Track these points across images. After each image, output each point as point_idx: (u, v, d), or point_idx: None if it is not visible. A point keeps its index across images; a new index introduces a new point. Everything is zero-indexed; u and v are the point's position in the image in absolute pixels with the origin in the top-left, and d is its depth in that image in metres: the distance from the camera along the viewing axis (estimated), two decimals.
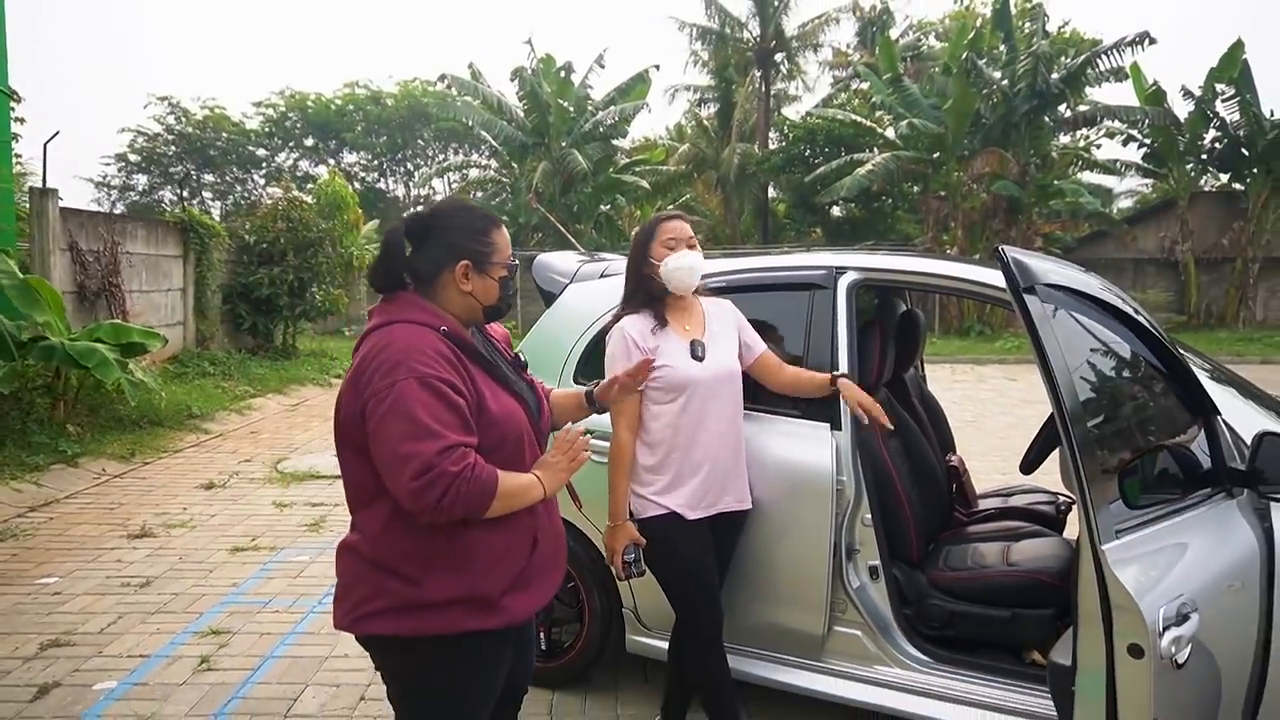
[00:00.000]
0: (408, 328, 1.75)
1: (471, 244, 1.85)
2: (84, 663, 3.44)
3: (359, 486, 1.78)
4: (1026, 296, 1.67)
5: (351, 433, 1.74)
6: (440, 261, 1.83)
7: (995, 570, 2.85)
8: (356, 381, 1.72)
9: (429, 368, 1.67)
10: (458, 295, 1.84)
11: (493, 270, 1.86)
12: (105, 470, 6.53)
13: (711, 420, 2.58)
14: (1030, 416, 9.70)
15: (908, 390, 3.58)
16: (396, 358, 1.68)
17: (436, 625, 1.75)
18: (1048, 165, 19.80)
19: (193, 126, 31.49)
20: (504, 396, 1.83)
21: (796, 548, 2.75)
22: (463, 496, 1.62)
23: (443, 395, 1.66)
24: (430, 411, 1.63)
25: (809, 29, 26.43)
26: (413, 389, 1.64)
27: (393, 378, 1.66)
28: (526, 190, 20.70)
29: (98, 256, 9.24)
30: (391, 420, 1.64)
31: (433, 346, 1.72)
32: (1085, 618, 1.68)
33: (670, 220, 2.67)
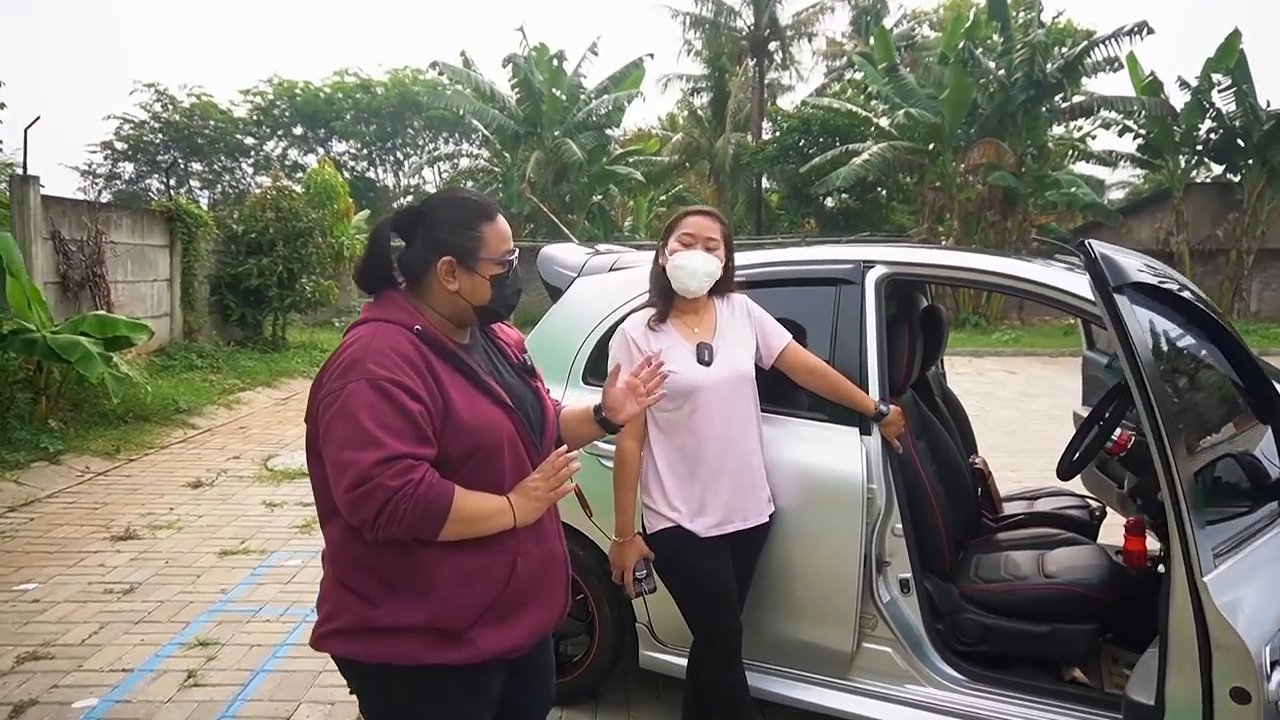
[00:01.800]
0: (378, 326, 1.62)
1: (455, 238, 1.66)
2: (63, 678, 3.25)
3: (321, 495, 1.64)
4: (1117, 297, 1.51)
5: (313, 437, 1.60)
6: (425, 258, 1.67)
7: (1032, 582, 2.69)
8: (318, 381, 1.59)
9: (384, 369, 1.53)
10: (444, 294, 1.68)
11: (481, 267, 1.67)
12: (89, 468, 6.32)
13: (722, 429, 2.41)
14: (1033, 410, 9.59)
15: (930, 389, 3.42)
16: (354, 356, 1.55)
17: (390, 653, 1.59)
18: (1044, 156, 19.66)
19: (179, 114, 31.04)
20: (481, 404, 1.64)
21: (824, 560, 2.59)
22: (402, 515, 1.47)
23: (393, 399, 1.51)
24: (376, 416, 1.49)
25: (803, 18, 26.23)
26: (362, 391, 1.51)
27: (346, 379, 1.53)
28: (519, 180, 20.45)
29: (81, 246, 8.97)
30: (337, 423, 1.50)
31: (395, 347, 1.57)
32: (1177, 654, 1.53)
33: (695, 215, 2.49)
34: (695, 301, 2.48)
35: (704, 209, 2.53)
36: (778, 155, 22.65)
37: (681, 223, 2.46)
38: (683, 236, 2.44)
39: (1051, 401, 10.31)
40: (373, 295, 1.70)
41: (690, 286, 2.43)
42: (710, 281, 2.44)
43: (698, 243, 2.44)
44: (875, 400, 2.58)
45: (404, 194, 37.86)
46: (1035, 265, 2.67)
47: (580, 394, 2.96)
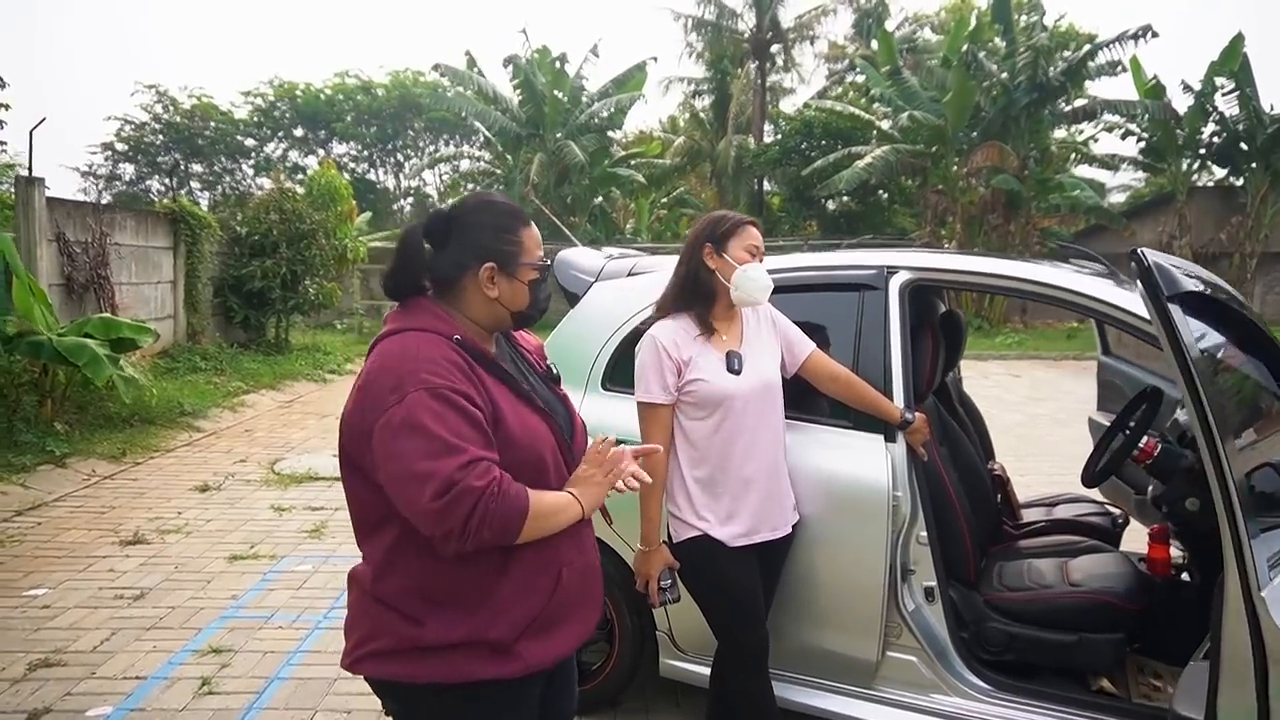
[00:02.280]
0: (417, 335, 1.56)
1: (497, 243, 1.64)
2: (76, 685, 3.22)
3: (363, 512, 1.59)
4: (1171, 307, 1.48)
5: (355, 453, 1.55)
6: (462, 263, 1.63)
7: (1057, 591, 2.67)
8: (362, 397, 1.52)
9: (441, 377, 1.49)
10: (482, 301, 1.65)
11: (521, 272, 1.66)
12: (95, 471, 6.29)
13: (751, 437, 2.38)
14: (1039, 414, 9.56)
15: (950, 395, 3.40)
16: (405, 368, 1.49)
17: (438, 672, 1.55)
18: (1046, 159, 19.67)
19: (180, 115, 31.03)
20: (525, 413, 1.62)
21: (849, 568, 2.56)
22: (491, 515, 1.43)
23: (458, 406, 1.47)
24: (446, 424, 1.45)
25: (805, 20, 26.23)
26: (424, 400, 1.45)
27: (402, 391, 1.47)
28: (522, 182, 20.42)
29: (86, 248, 8.94)
30: (403, 437, 1.45)
31: (444, 355, 1.53)
32: (1231, 669, 1.50)
33: (753, 225, 2.46)
34: (731, 309, 2.46)
35: (752, 219, 2.51)
36: (779, 158, 22.63)
37: (744, 232, 2.42)
38: (750, 247, 2.41)
39: (1058, 405, 10.30)
40: (399, 303, 1.66)
41: (758, 299, 2.42)
42: (769, 295, 2.45)
43: (759, 256, 2.43)
44: (900, 408, 2.56)
45: (404, 196, 37.85)
46: (1062, 271, 2.65)
47: (599, 400, 2.94)
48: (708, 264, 2.42)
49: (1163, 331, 1.45)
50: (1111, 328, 4.12)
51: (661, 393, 2.37)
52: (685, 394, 2.38)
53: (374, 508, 1.56)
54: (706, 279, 2.43)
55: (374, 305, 18.13)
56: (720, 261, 2.41)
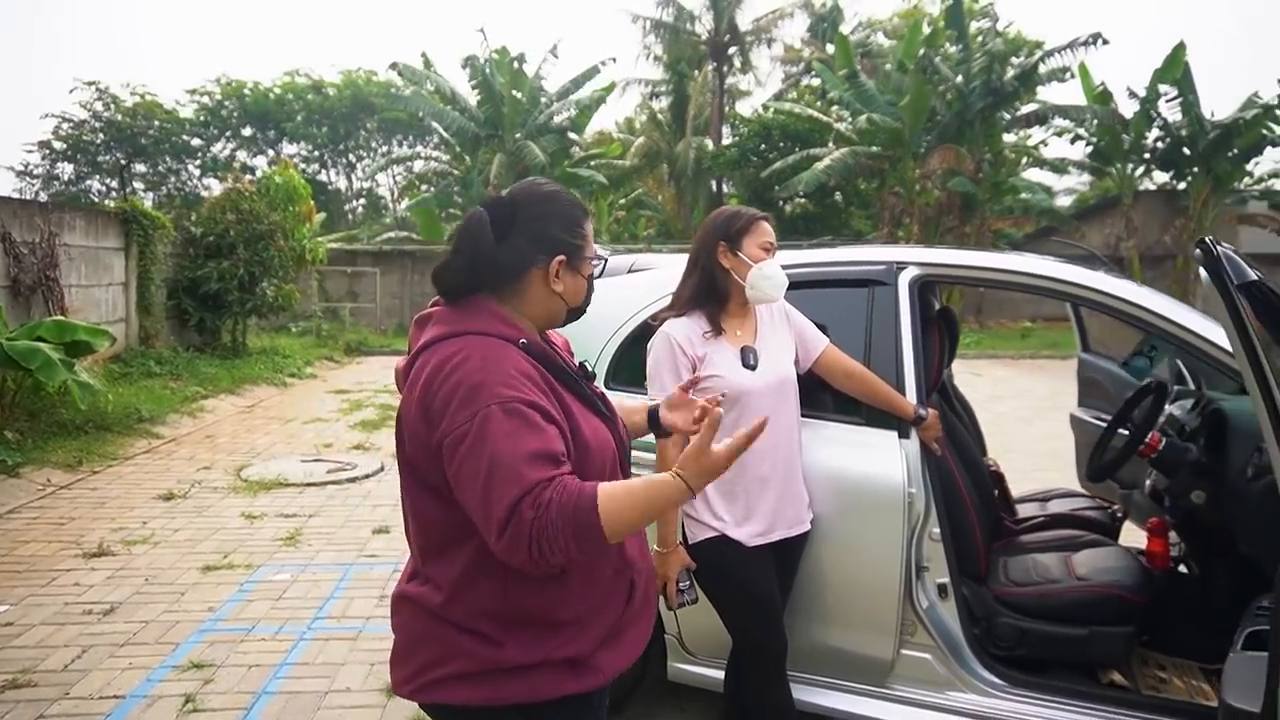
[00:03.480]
0: (483, 341, 1.44)
1: (568, 236, 1.56)
2: (49, 706, 3.05)
3: (431, 530, 1.48)
4: (1240, 296, 1.48)
5: (423, 469, 1.44)
6: (530, 256, 1.53)
7: (1066, 585, 2.68)
8: (427, 408, 1.41)
9: (516, 391, 1.38)
10: (544, 296, 1.56)
11: (584, 266, 1.59)
12: (50, 480, 6.02)
13: (766, 434, 2.34)
14: (1003, 413, 9.73)
15: (949, 391, 3.41)
16: (475, 381, 1.38)
17: (522, 692, 1.46)
18: (1000, 162, 20.09)
19: (122, 114, 30.05)
20: (592, 419, 1.54)
21: (864, 567, 2.54)
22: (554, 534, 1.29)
23: (531, 422, 1.37)
24: (513, 446, 1.34)
25: (762, 23, 26.45)
26: (496, 419, 1.35)
27: (474, 406, 1.36)
28: (482, 183, 20.20)
29: (33, 248, 8.59)
30: (472, 460, 1.35)
31: (515, 364, 1.42)
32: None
33: (765, 221, 2.43)
34: (744, 305, 2.42)
35: (765, 214, 2.47)
36: (738, 159, 22.77)
37: (758, 228, 2.39)
38: (764, 244, 2.37)
39: (1020, 403, 10.50)
40: (450, 301, 1.54)
41: (775, 297, 2.39)
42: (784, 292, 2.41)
43: (772, 253, 2.40)
44: (914, 404, 2.54)
45: (356, 197, 37.26)
46: (1072, 266, 2.66)
47: None
48: (722, 263, 2.38)
49: (1231, 321, 1.45)
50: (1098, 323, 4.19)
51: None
52: (701, 391, 2.32)
53: (446, 527, 1.45)
54: (721, 278, 2.39)
55: (331, 308, 17.80)
56: (735, 260, 2.37)
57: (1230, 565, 2.74)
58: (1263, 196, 19.97)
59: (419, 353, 1.49)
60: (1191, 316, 2.48)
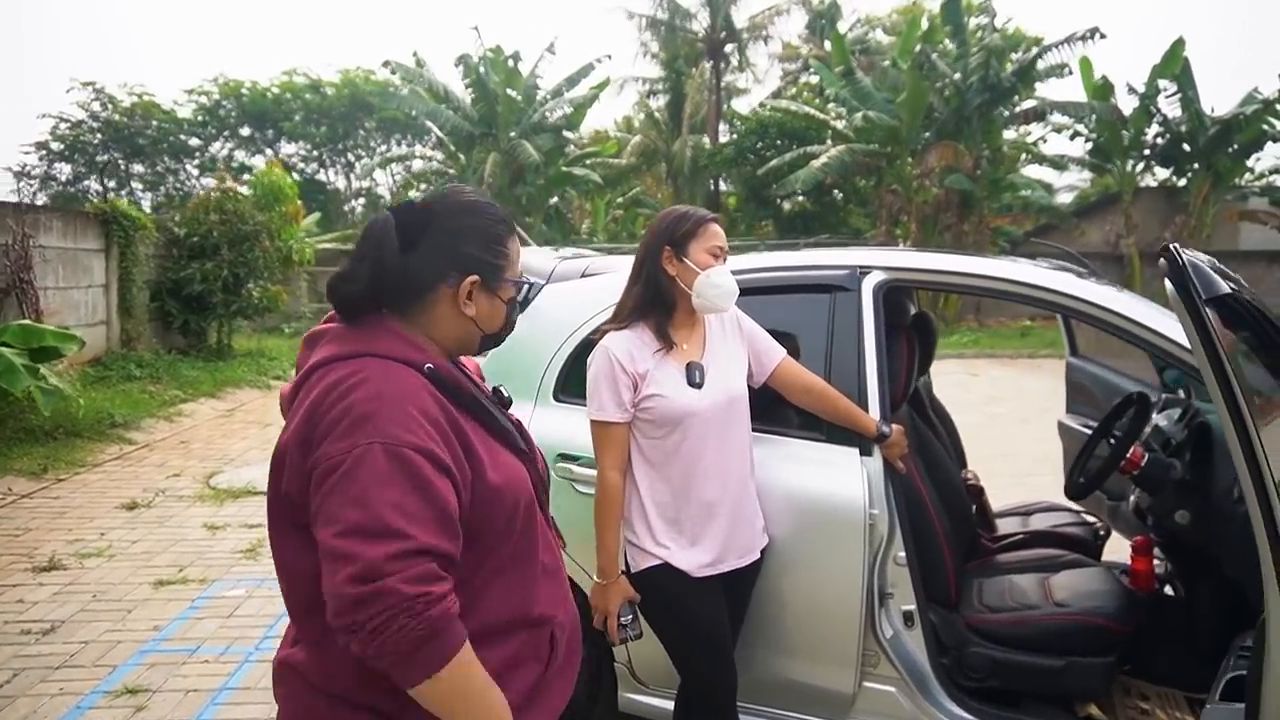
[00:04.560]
0: (383, 366, 1.27)
1: (484, 254, 1.38)
2: None
3: (301, 581, 1.28)
4: (1208, 311, 1.30)
5: (298, 505, 1.25)
6: (440, 272, 1.36)
7: (1043, 612, 2.50)
8: (308, 435, 1.23)
9: (408, 432, 1.21)
10: (454, 319, 1.38)
11: (504, 289, 1.41)
12: (11, 489, 5.86)
13: (714, 457, 2.17)
14: (1000, 414, 9.54)
15: (923, 401, 3.23)
16: (363, 411, 1.21)
17: None
18: (998, 159, 19.87)
19: (119, 114, 29.94)
20: (503, 456, 1.37)
21: (822, 594, 2.36)
22: (402, 635, 1.13)
23: (417, 474, 1.19)
24: (394, 496, 1.17)
25: (758, 20, 26.23)
26: (376, 460, 1.18)
27: (353, 439, 1.19)
28: (476, 182, 20.03)
29: (6, 250, 8.43)
30: (337, 501, 1.17)
31: (416, 400, 1.25)
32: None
33: (715, 223, 2.23)
34: (692, 315, 2.24)
35: (715, 215, 2.28)
36: (735, 158, 22.58)
37: (706, 232, 2.20)
38: (713, 249, 2.18)
39: (1018, 404, 10.31)
40: (348, 318, 1.34)
41: (723, 306, 2.21)
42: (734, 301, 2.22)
43: (722, 257, 2.21)
44: (877, 420, 2.37)
45: (355, 196, 37.11)
46: (1043, 270, 2.49)
47: (550, 413, 2.70)
48: (667, 270, 2.20)
49: (1197, 339, 1.27)
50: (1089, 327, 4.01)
51: (616, 410, 2.15)
52: (642, 411, 2.16)
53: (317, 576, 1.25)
54: (666, 287, 2.20)
55: (322, 309, 17.63)
56: (680, 267, 2.19)
57: (1217, 588, 2.57)
58: (1263, 193, 19.73)
59: (307, 375, 1.31)
60: (1174, 324, 2.30)
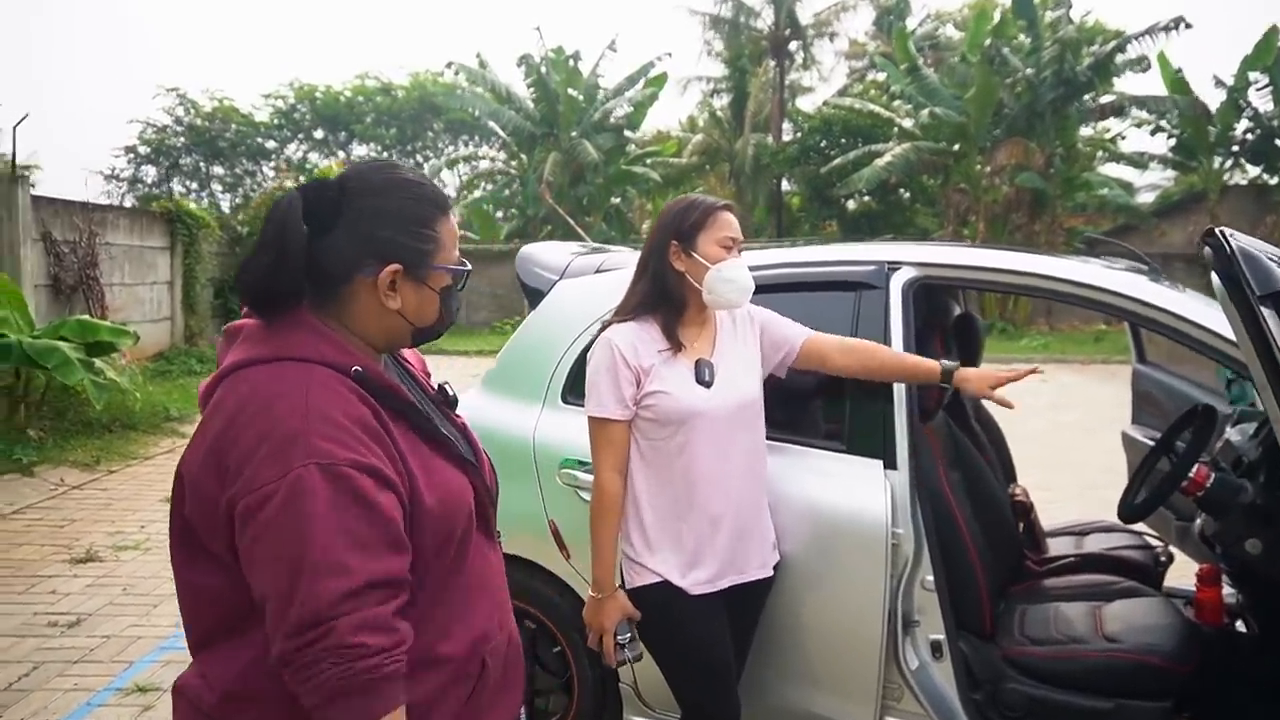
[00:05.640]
0: (303, 371, 1.12)
1: (405, 238, 1.20)
2: None
3: (204, 611, 1.15)
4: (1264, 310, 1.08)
5: (207, 532, 1.11)
6: (354, 260, 1.18)
7: (1091, 647, 2.25)
8: (220, 456, 1.09)
9: (344, 448, 1.07)
10: (377, 312, 1.21)
11: (433, 278, 1.23)
12: (64, 480, 5.99)
13: (720, 465, 1.99)
14: (1066, 422, 9.08)
15: (965, 410, 2.99)
16: (290, 429, 1.06)
17: None
18: (1073, 157, 19.07)
19: (201, 118, 31.11)
20: (441, 468, 1.21)
21: (839, 619, 2.17)
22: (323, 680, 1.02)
23: (363, 497, 1.06)
24: (339, 524, 1.04)
25: (823, 17, 25.76)
26: (315, 484, 1.04)
27: (285, 464, 1.04)
28: (537, 182, 20.12)
29: (74, 247, 8.72)
30: (275, 535, 1.04)
31: (346, 408, 1.11)
32: None
33: (726, 211, 2.04)
34: (704, 311, 2.06)
35: (726, 203, 2.09)
36: (798, 156, 22.21)
37: (716, 221, 2.01)
38: (724, 239, 2.00)
39: (1086, 413, 9.80)
40: (262, 315, 1.18)
41: (738, 302, 2.04)
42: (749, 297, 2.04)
43: (736, 248, 2.03)
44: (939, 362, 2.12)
45: None
46: (1091, 267, 2.24)
47: (558, 415, 2.56)
48: (675, 266, 2.01)
49: (1248, 340, 1.06)
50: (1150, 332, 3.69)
51: (616, 406, 1.97)
52: (644, 409, 1.99)
53: (226, 608, 1.14)
54: (674, 284, 2.02)
55: None
56: (689, 262, 2.00)
57: None
58: None
59: (220, 378, 1.17)
60: None
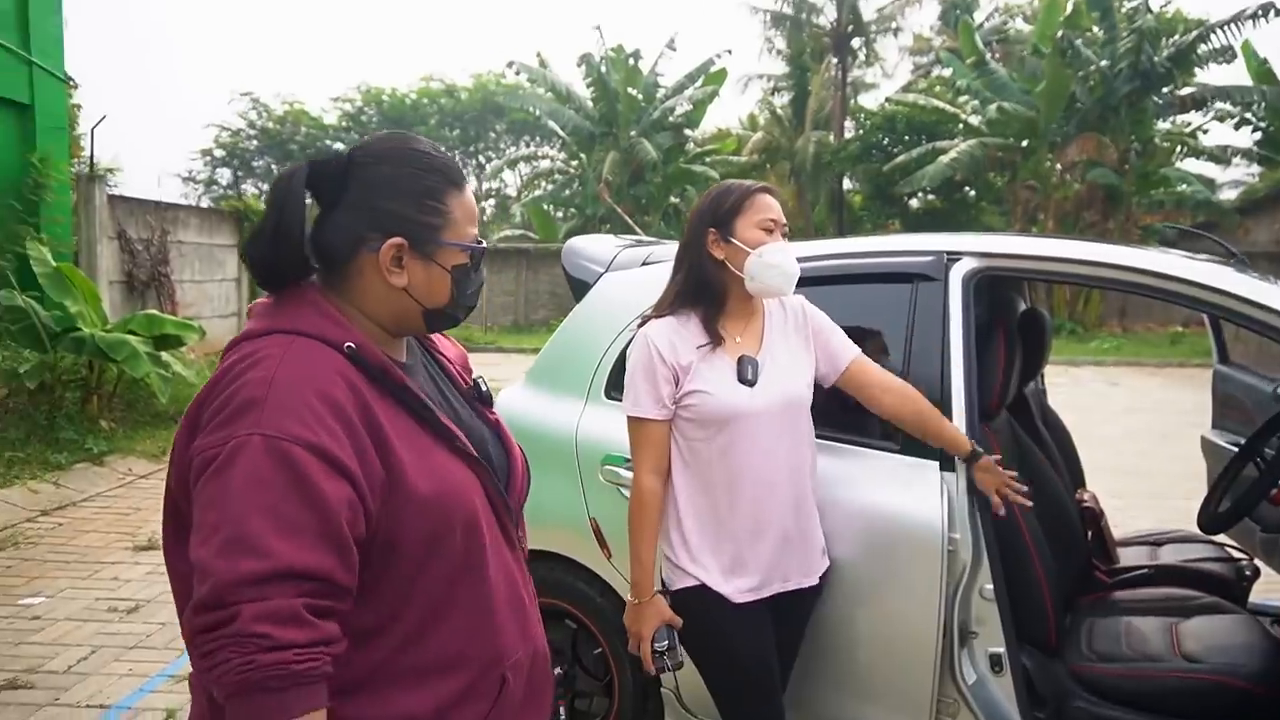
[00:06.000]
0: (288, 343, 1.08)
1: (410, 210, 1.14)
2: (34, 713, 2.95)
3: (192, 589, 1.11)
4: None
5: (184, 507, 1.08)
6: (357, 234, 1.14)
7: (1168, 666, 2.10)
8: (193, 422, 1.07)
9: (300, 424, 1.01)
10: (383, 291, 1.16)
11: (443, 255, 1.17)
12: (131, 470, 6.17)
13: (765, 468, 1.89)
14: (1138, 428, 8.69)
15: (1030, 410, 2.84)
16: (249, 395, 1.02)
17: None
18: (1149, 152, 18.33)
19: (273, 121, 32.12)
20: (442, 459, 1.15)
21: (891, 629, 2.06)
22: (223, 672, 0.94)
23: (303, 478, 0.99)
24: (267, 501, 0.98)
25: (887, 12, 25.28)
26: (253, 455, 0.99)
27: (233, 429, 1.00)
28: (596, 181, 20.16)
29: (147, 245, 9.01)
30: (205, 500, 0.99)
31: (320, 384, 1.05)
32: None
33: (765, 194, 1.93)
34: (750, 301, 1.96)
35: (765, 185, 1.97)
36: (860, 154, 21.85)
37: (754, 204, 1.91)
38: (763, 222, 1.90)
39: (1159, 417, 9.38)
40: (272, 289, 1.16)
41: (782, 289, 1.91)
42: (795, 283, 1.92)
43: (778, 231, 1.91)
44: (972, 441, 2.01)
45: (485, 197, 38.25)
46: (1175, 257, 2.09)
47: (601, 411, 2.49)
48: (713, 254, 1.91)
49: None
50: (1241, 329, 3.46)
51: (654, 406, 1.89)
52: (683, 408, 1.90)
53: None
54: (713, 273, 1.91)
55: None
56: (729, 249, 1.89)
57: None
58: None
59: (229, 349, 1.15)
60: None
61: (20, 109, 7.24)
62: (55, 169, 7.28)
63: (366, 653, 1.09)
